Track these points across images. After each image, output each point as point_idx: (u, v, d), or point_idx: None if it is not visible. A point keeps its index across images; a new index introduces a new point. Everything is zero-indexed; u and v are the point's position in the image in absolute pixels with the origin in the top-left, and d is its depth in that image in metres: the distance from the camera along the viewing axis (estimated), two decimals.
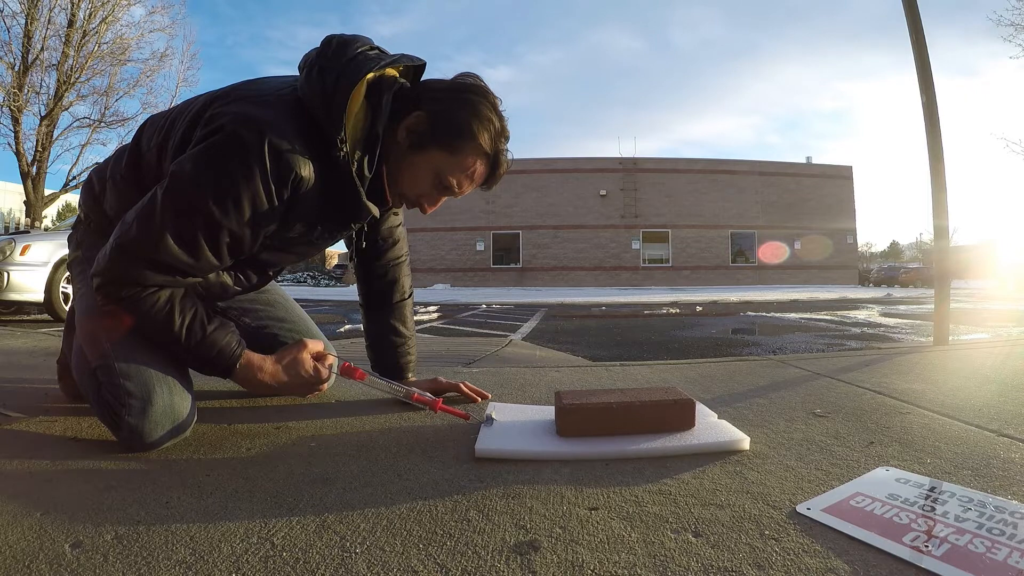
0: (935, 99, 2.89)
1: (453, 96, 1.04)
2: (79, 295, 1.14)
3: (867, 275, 28.52)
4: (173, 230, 0.93)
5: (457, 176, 1.06)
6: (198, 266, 0.97)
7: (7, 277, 4.82)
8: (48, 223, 14.83)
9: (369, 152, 1.02)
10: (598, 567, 0.62)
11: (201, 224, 0.93)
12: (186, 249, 0.94)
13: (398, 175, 1.08)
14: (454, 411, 1.19)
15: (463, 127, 1.02)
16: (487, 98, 1.05)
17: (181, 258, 0.95)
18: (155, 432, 1.00)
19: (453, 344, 3.55)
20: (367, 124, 1.01)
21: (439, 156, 1.04)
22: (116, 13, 14.02)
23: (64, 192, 14.46)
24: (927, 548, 0.64)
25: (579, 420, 1.05)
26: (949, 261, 3.09)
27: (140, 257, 0.94)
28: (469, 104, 1.02)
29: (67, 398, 1.39)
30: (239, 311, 1.39)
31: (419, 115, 1.02)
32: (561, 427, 1.06)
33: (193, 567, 0.61)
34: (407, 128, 1.03)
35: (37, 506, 0.77)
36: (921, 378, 1.68)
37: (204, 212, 0.92)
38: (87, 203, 1.20)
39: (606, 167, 24.32)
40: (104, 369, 1.01)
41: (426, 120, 1.02)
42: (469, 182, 1.08)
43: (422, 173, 1.06)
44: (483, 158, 1.06)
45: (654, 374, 1.80)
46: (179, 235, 0.93)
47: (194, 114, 1.00)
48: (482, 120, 1.02)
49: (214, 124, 0.93)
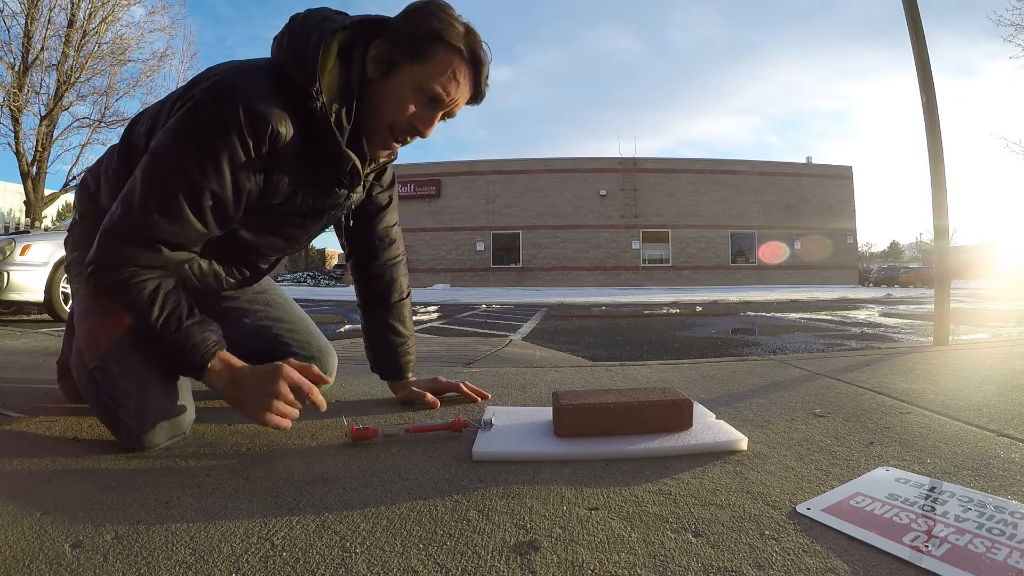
0: (935, 99, 2.89)
1: (407, 15, 1.03)
2: (77, 296, 1.14)
3: (867, 275, 28.52)
4: (155, 200, 0.93)
5: (439, 82, 1.03)
6: (184, 234, 0.97)
7: (7, 277, 4.83)
8: (48, 223, 14.82)
9: (346, 103, 1.02)
10: (598, 567, 0.62)
11: (181, 188, 0.93)
12: (170, 217, 0.94)
13: (382, 108, 1.05)
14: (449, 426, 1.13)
15: (424, 32, 1.00)
16: (441, 7, 1.03)
17: (166, 228, 0.95)
18: (153, 432, 1.00)
19: (453, 344, 3.55)
20: (341, 79, 1.01)
21: (413, 70, 1.02)
22: (116, 13, 14.04)
23: (64, 192, 14.46)
24: (927, 548, 0.64)
25: (576, 421, 1.05)
26: (949, 261, 3.09)
27: (127, 234, 0.94)
28: (424, 14, 1.02)
29: (67, 398, 1.39)
30: (239, 312, 1.38)
31: (379, 43, 1.02)
32: (558, 428, 1.06)
33: (193, 567, 0.61)
34: (372, 61, 1.03)
35: (37, 506, 0.77)
36: (921, 378, 1.68)
37: (183, 175, 0.93)
38: (83, 203, 1.20)
39: (606, 167, 24.33)
40: (102, 370, 1.01)
41: (387, 44, 1.02)
42: (455, 85, 1.04)
43: (403, 93, 1.03)
44: (458, 56, 1.03)
45: (654, 374, 1.80)
46: (161, 204, 0.93)
47: (176, 98, 1.02)
48: (442, 21, 1.01)
49: (188, 95, 0.97)
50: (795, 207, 24.49)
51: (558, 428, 1.06)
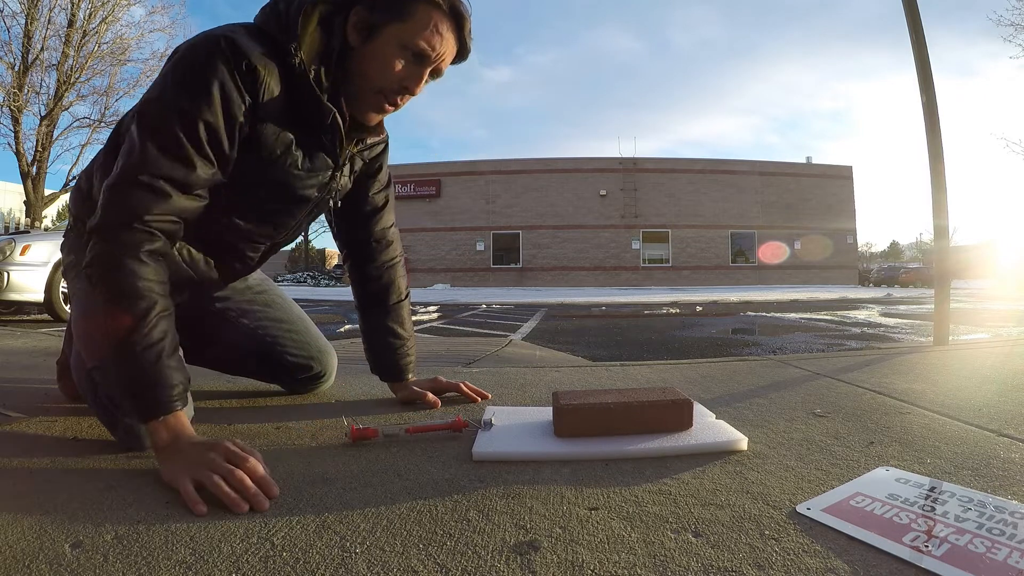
0: (935, 99, 2.89)
1: None
2: (75, 299, 1.14)
3: (867, 275, 28.52)
4: (153, 140, 0.92)
5: (423, 37, 1.03)
6: (186, 172, 0.94)
7: (7, 277, 4.83)
8: (48, 223, 14.83)
9: (325, 64, 1.03)
10: (598, 567, 0.62)
11: (176, 122, 0.93)
12: (171, 153, 0.93)
13: (368, 73, 1.05)
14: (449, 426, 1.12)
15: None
16: None
17: (168, 164, 0.93)
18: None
19: (453, 344, 3.55)
20: (321, 44, 1.02)
21: (394, 29, 1.02)
22: (116, 13, 14.07)
23: (64, 192, 14.48)
24: (927, 548, 0.64)
25: (576, 421, 1.05)
26: (949, 261, 3.09)
27: (132, 179, 0.92)
28: None
29: (67, 398, 1.39)
30: (237, 312, 1.38)
31: (358, 9, 1.03)
32: (558, 427, 1.06)
33: (193, 567, 0.61)
34: (353, 28, 1.03)
35: (37, 506, 0.77)
36: (921, 378, 1.68)
37: (176, 109, 0.93)
38: (77, 204, 1.19)
39: (606, 167, 24.33)
40: (100, 371, 1.00)
41: (366, 9, 1.02)
42: (439, 39, 1.04)
43: (388, 53, 1.03)
44: (437, 10, 1.03)
45: (654, 374, 1.80)
46: (160, 143, 0.92)
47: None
48: None
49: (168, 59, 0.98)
50: (795, 207, 24.49)
51: (558, 428, 1.06)
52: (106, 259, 0.91)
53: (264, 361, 1.41)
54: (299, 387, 1.48)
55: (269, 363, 1.41)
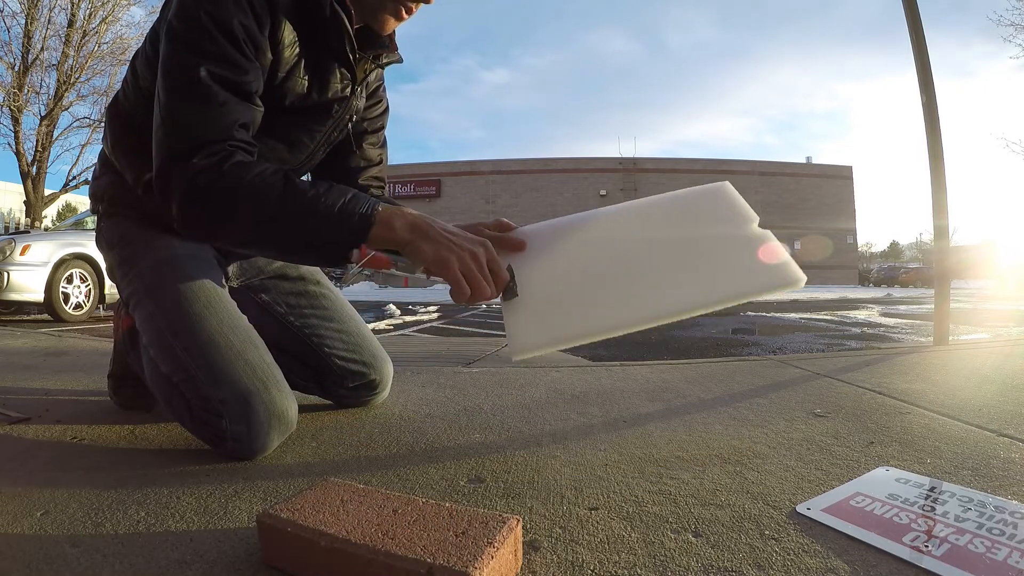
0: (935, 99, 2.89)
1: None
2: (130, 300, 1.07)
3: (867, 275, 28.55)
4: (193, 49, 0.88)
5: None
6: (238, 72, 0.90)
7: (7, 277, 4.83)
8: (48, 223, 14.81)
9: None
10: (598, 567, 0.62)
11: (210, 23, 0.88)
12: (216, 55, 0.88)
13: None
14: (380, 259, 1.03)
15: None
16: None
17: (220, 65, 0.88)
18: (262, 435, 0.94)
19: (453, 344, 3.55)
20: None
21: None
22: (116, 13, 14.04)
23: (64, 192, 14.46)
24: (927, 548, 0.64)
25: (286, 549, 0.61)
26: (949, 261, 3.09)
27: (185, 101, 0.87)
28: None
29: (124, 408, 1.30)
30: (286, 307, 1.27)
31: None
32: (267, 553, 0.63)
33: (193, 567, 0.61)
34: None
35: (37, 506, 0.77)
36: (921, 378, 1.68)
37: (208, 11, 0.87)
38: (115, 129, 1.10)
39: (606, 167, 24.37)
40: (187, 382, 0.95)
41: None
42: None
43: None
44: None
45: (654, 374, 1.80)
46: (199, 49, 0.88)
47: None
48: None
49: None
50: (795, 207, 24.52)
51: (267, 554, 0.63)
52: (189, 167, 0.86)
53: (307, 364, 1.25)
54: (351, 398, 1.30)
55: (314, 367, 1.25)
